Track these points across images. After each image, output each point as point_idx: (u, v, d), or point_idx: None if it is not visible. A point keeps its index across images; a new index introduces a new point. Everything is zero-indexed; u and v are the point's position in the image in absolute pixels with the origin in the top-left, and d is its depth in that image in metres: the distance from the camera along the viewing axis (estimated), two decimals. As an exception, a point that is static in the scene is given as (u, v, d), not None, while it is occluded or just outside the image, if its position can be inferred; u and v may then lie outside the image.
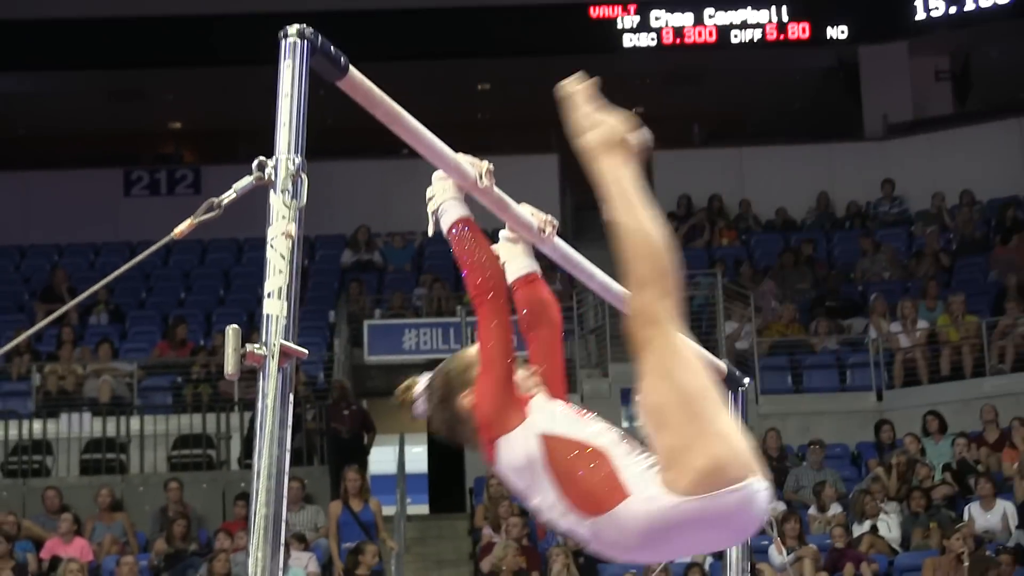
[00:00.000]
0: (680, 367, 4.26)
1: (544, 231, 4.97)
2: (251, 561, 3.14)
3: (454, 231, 4.75)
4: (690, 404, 4.20)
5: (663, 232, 4.29)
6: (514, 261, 4.98)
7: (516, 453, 4.44)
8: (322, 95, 3.72)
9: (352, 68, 3.73)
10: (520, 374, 4.69)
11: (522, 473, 4.46)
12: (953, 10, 25.46)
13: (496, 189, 4.74)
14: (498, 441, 4.49)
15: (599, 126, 4.55)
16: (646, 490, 4.12)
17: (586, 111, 4.58)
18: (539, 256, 5.12)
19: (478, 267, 4.67)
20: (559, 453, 4.34)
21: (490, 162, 4.73)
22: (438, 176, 4.80)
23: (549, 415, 4.50)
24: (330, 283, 23.26)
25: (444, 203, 4.78)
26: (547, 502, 4.42)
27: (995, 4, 25.17)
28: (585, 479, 4.26)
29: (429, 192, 4.80)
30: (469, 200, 4.77)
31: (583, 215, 24.43)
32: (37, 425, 20.15)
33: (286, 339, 3.25)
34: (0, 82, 26.34)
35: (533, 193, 5.47)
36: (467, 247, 4.69)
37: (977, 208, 24.03)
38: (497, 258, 4.85)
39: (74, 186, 24.90)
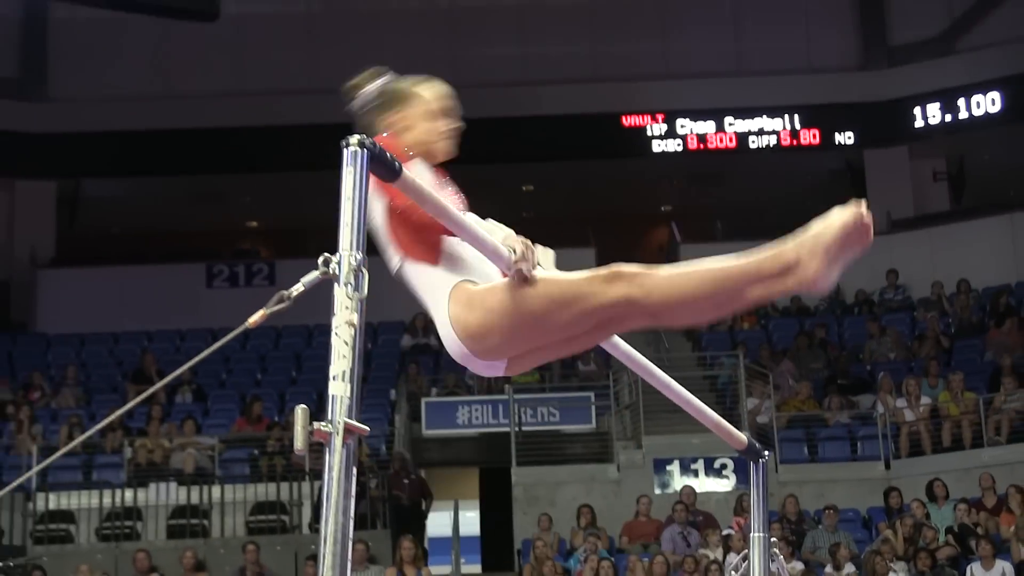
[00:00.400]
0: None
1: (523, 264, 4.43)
2: (319, 616, 3.19)
3: None
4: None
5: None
6: None
7: None
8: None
9: (404, 171, 3.75)
10: None
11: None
12: (949, 118, 25.54)
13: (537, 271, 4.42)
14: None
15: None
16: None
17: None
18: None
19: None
20: None
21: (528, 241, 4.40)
22: None
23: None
24: (391, 364, 23.16)
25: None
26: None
27: (986, 113, 25.29)
28: None
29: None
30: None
31: None
32: (128, 494, 20.12)
33: (349, 418, 3.25)
34: (100, 186, 26.51)
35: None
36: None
37: (973, 295, 23.96)
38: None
39: (162, 279, 25.06)
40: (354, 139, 3.48)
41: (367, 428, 3.29)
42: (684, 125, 25.93)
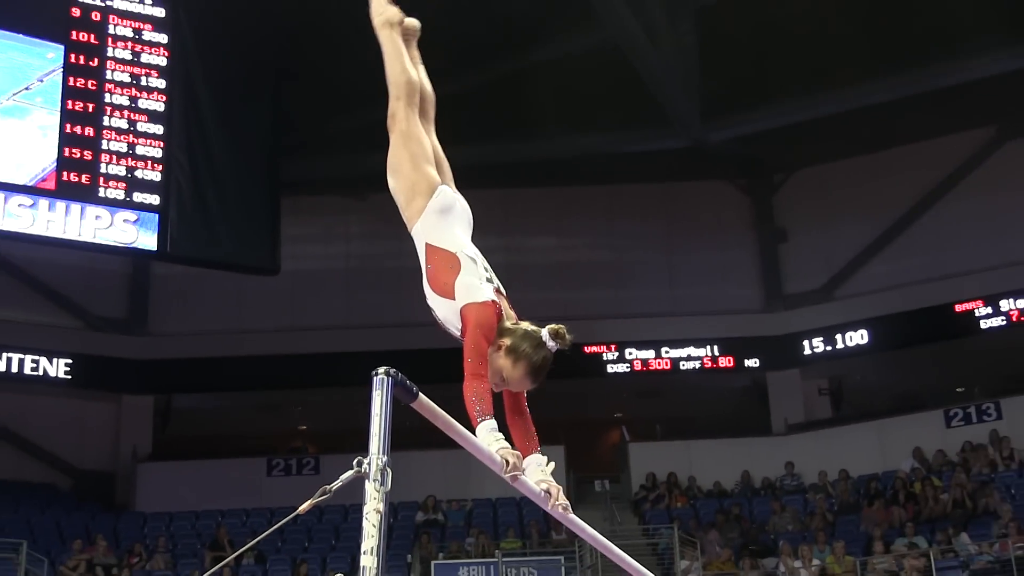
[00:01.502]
0: (411, 140, 5.26)
1: (560, 505, 4.64)
2: None
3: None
4: (414, 159, 5.26)
5: (414, 75, 5.32)
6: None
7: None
8: (405, 408, 3.72)
9: (421, 395, 3.75)
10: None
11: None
12: (829, 348, 25.64)
13: (521, 476, 4.52)
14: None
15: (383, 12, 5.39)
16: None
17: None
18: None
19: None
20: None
21: (517, 459, 4.52)
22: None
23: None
24: (407, 535, 22.84)
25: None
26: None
27: (857, 345, 25.40)
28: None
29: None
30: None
31: (582, 487, 24.60)
32: None
33: None
34: (186, 400, 26.71)
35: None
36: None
37: (850, 482, 23.77)
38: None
39: (232, 470, 24.91)
40: (382, 369, 3.55)
41: None
42: (631, 352, 25.96)
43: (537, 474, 4.65)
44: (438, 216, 5.15)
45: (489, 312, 4.78)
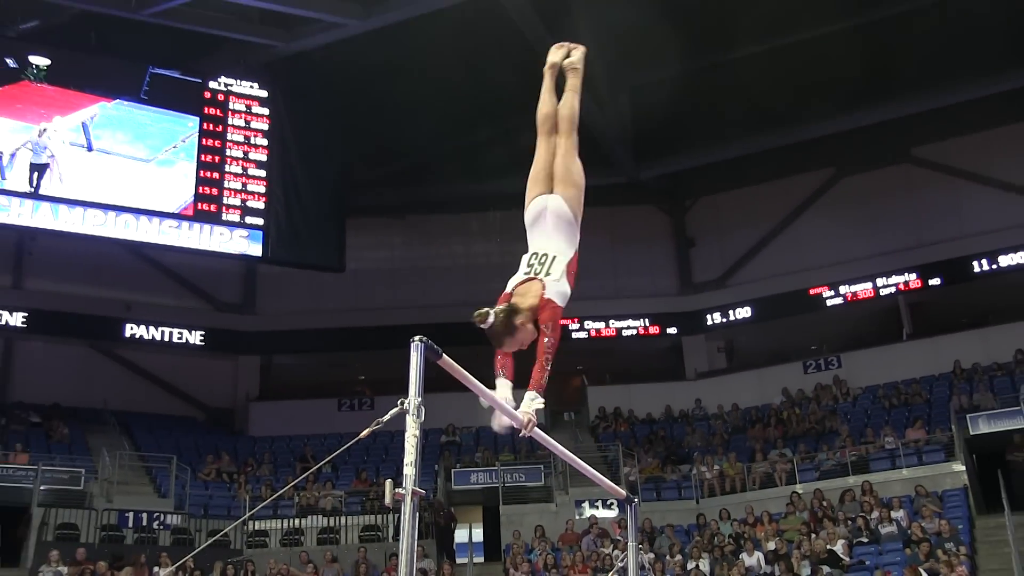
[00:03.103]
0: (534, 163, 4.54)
1: (525, 434, 4.26)
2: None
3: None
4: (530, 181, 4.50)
5: (541, 109, 4.54)
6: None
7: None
8: (433, 364, 3.58)
9: (444, 355, 3.58)
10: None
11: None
12: (725, 320, 25.43)
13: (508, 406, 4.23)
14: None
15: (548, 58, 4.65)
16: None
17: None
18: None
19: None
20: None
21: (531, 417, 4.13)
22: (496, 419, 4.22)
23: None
24: (435, 451, 22.63)
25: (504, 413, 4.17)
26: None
27: (744, 317, 25.27)
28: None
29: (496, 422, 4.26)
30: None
31: (555, 417, 24.39)
32: (296, 521, 19.59)
33: (415, 486, 3.21)
34: (281, 359, 26.38)
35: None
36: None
37: (739, 412, 23.66)
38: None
39: (314, 407, 24.56)
40: (417, 337, 3.42)
41: (424, 492, 3.29)
42: (588, 324, 25.77)
43: (528, 405, 4.26)
44: (528, 229, 4.60)
45: (506, 299, 4.35)
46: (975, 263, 23.31)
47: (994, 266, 23.17)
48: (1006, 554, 15.63)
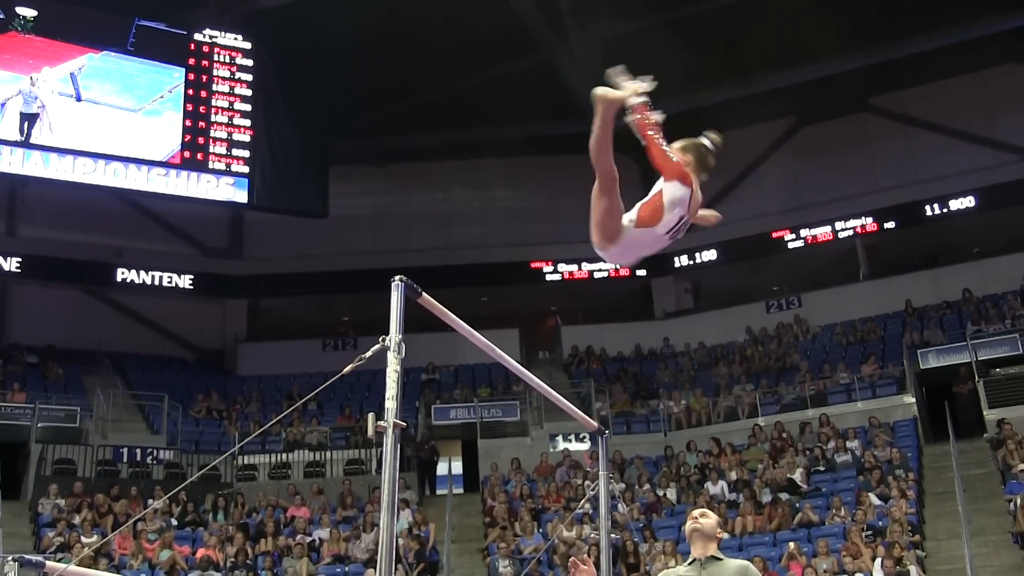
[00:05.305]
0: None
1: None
2: (382, 517, 3.17)
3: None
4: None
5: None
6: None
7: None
8: (413, 303, 3.54)
9: (424, 294, 3.57)
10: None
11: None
12: (691, 262, 25.28)
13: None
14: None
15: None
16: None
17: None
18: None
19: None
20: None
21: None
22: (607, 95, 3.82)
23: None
24: (416, 388, 22.54)
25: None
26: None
27: (709, 260, 25.19)
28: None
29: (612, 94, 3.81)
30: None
31: (531, 355, 24.46)
32: (284, 456, 19.67)
33: (396, 419, 3.18)
34: (269, 302, 26.14)
35: (504, 350, 4.58)
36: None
37: (705, 349, 23.61)
38: None
39: (300, 347, 24.33)
40: (397, 277, 3.39)
41: (405, 423, 3.26)
42: (562, 266, 25.63)
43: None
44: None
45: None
46: (927, 207, 23.50)
47: (944, 210, 23.38)
48: (950, 479, 16.02)
